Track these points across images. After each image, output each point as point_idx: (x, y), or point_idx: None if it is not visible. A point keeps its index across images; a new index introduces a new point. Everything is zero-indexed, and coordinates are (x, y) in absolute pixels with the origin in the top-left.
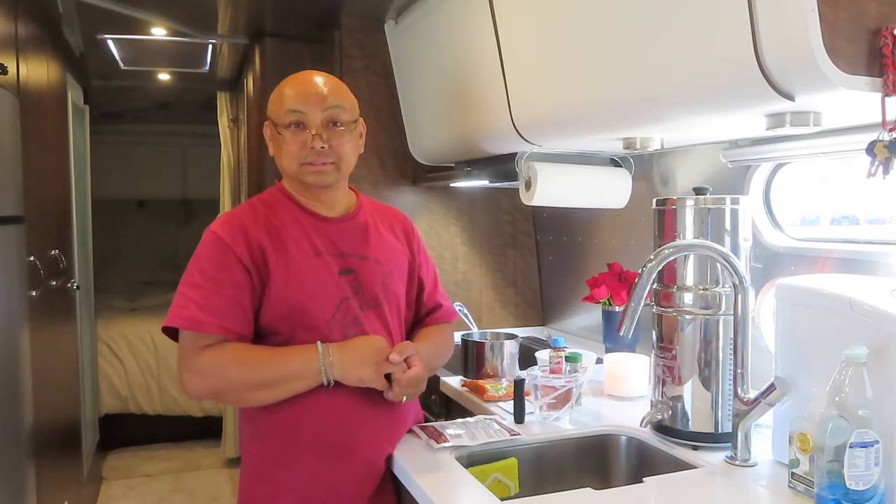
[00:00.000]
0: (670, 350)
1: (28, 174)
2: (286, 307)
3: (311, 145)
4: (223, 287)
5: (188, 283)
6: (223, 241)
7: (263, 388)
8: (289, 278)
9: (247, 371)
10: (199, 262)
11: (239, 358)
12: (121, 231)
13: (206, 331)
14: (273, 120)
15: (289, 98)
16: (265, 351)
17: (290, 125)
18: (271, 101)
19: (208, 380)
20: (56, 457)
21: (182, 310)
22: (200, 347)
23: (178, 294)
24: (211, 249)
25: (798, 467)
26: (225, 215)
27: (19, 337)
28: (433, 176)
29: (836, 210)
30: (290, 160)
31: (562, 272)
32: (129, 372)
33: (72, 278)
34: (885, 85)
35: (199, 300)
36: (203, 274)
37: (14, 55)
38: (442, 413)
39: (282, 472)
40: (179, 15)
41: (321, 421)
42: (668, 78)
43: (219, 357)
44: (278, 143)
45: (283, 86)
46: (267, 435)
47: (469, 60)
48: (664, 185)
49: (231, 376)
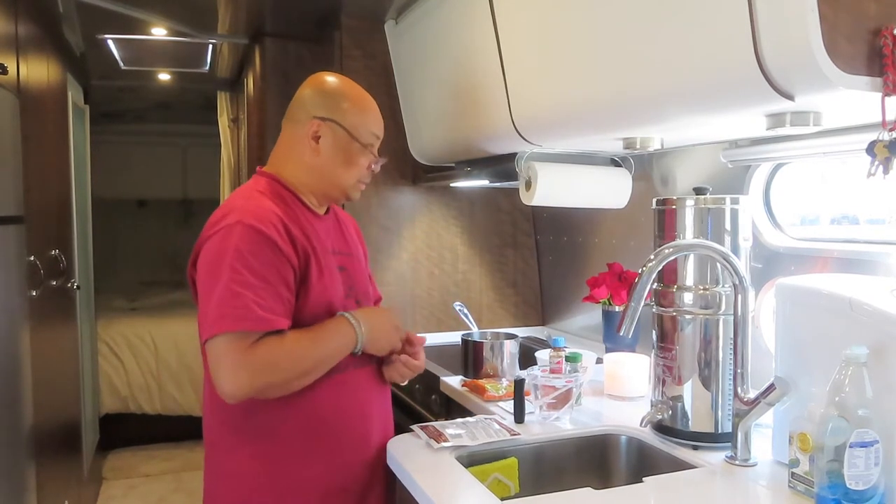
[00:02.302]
0: (670, 350)
1: (28, 174)
2: (321, 305)
3: (374, 170)
4: (276, 286)
5: (239, 282)
6: (268, 236)
7: (311, 372)
8: (322, 280)
9: (300, 358)
10: (246, 259)
11: (290, 347)
12: (121, 231)
13: (273, 327)
14: (349, 131)
15: (374, 121)
16: (306, 335)
17: (369, 146)
18: (351, 111)
19: (265, 375)
20: (56, 457)
21: (244, 311)
22: (248, 345)
23: (228, 294)
24: (256, 245)
25: (798, 467)
26: (253, 208)
27: (19, 337)
28: (433, 176)
29: (836, 210)
30: (352, 176)
31: (562, 272)
32: (129, 372)
33: (72, 278)
34: (885, 85)
35: (258, 299)
36: (254, 272)
37: (14, 55)
38: (442, 413)
39: (300, 467)
40: (179, 15)
41: (339, 413)
42: (668, 78)
43: (269, 352)
44: (350, 155)
45: (367, 104)
46: (280, 431)
47: (469, 60)
48: (664, 185)
49: (287, 367)
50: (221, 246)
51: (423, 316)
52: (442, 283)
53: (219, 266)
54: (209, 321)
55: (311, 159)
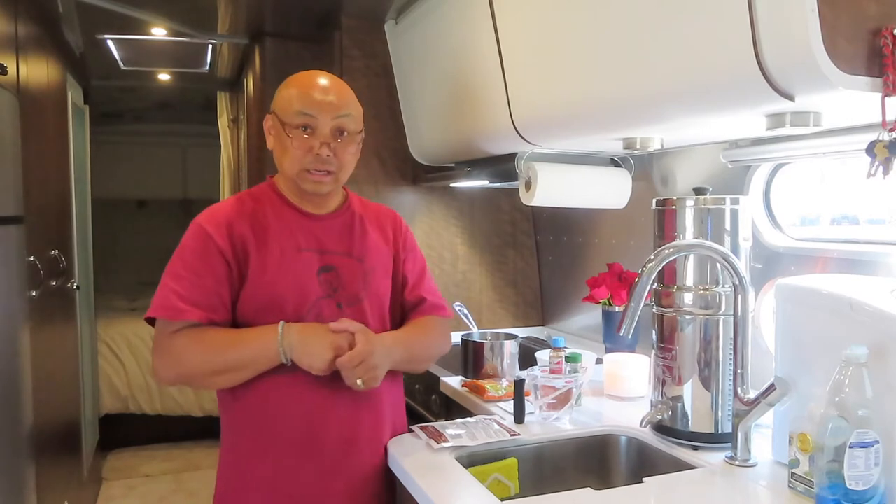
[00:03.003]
0: (670, 350)
1: (28, 174)
2: (263, 301)
3: (316, 152)
4: (203, 278)
5: (171, 273)
6: (207, 232)
7: (228, 371)
8: (267, 272)
9: (210, 353)
10: (183, 253)
11: (202, 340)
12: (121, 231)
13: (185, 318)
14: (279, 115)
15: (300, 99)
16: (227, 333)
17: (298, 127)
18: (280, 95)
19: (176, 364)
20: (56, 457)
21: (163, 300)
22: (171, 333)
23: (161, 284)
24: (194, 241)
25: (798, 467)
26: (212, 207)
27: (19, 337)
28: (433, 176)
29: (836, 210)
30: (292, 163)
31: (562, 272)
32: (129, 372)
33: (72, 278)
34: (885, 85)
35: (180, 290)
36: (185, 265)
37: (14, 55)
38: (442, 413)
39: (254, 466)
40: (179, 15)
41: (292, 416)
42: (668, 78)
43: (185, 341)
44: (282, 140)
45: (294, 83)
46: (241, 427)
47: (469, 60)
48: (664, 185)
49: (197, 359)
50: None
51: None
52: (442, 283)
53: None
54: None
55: (275, 155)
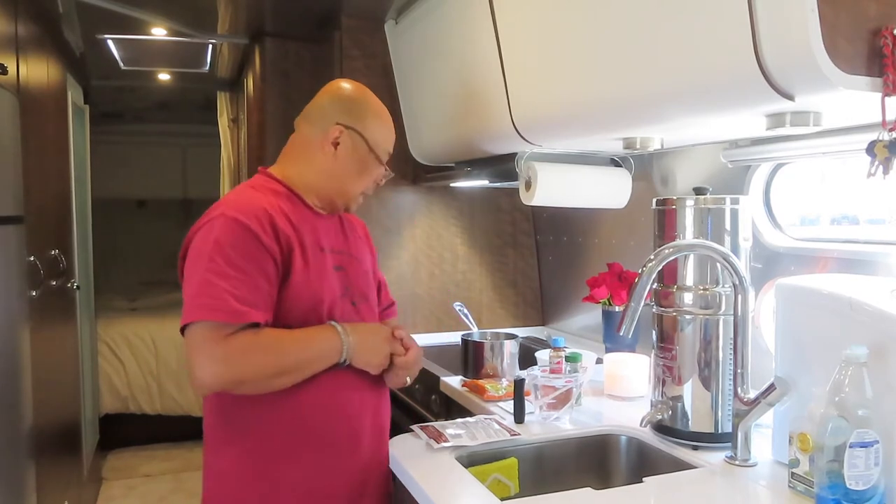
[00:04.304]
0: (670, 350)
1: (28, 174)
2: (308, 301)
3: (380, 184)
4: (254, 277)
5: (215, 272)
6: (249, 228)
7: (288, 372)
8: (307, 274)
9: (274, 356)
10: (224, 251)
11: (262, 342)
12: (121, 231)
13: (247, 319)
14: (369, 143)
15: (390, 139)
16: (287, 334)
17: (381, 161)
18: (374, 125)
19: (231, 370)
20: (56, 457)
21: (216, 300)
22: (224, 336)
23: (204, 284)
24: (236, 237)
25: (798, 467)
26: (237, 200)
27: (19, 337)
28: (433, 176)
29: (836, 210)
30: (360, 184)
31: (562, 272)
32: (129, 372)
33: (72, 278)
34: (885, 85)
35: (234, 290)
36: (230, 263)
37: (14, 55)
38: (442, 413)
39: (285, 468)
40: (179, 15)
41: (328, 414)
42: (668, 78)
43: (243, 344)
44: (363, 164)
45: (388, 121)
46: (269, 430)
47: (469, 60)
48: (664, 185)
49: (259, 363)
50: (204, 238)
51: (423, 316)
52: (442, 283)
53: (199, 258)
54: (185, 310)
55: (323, 163)
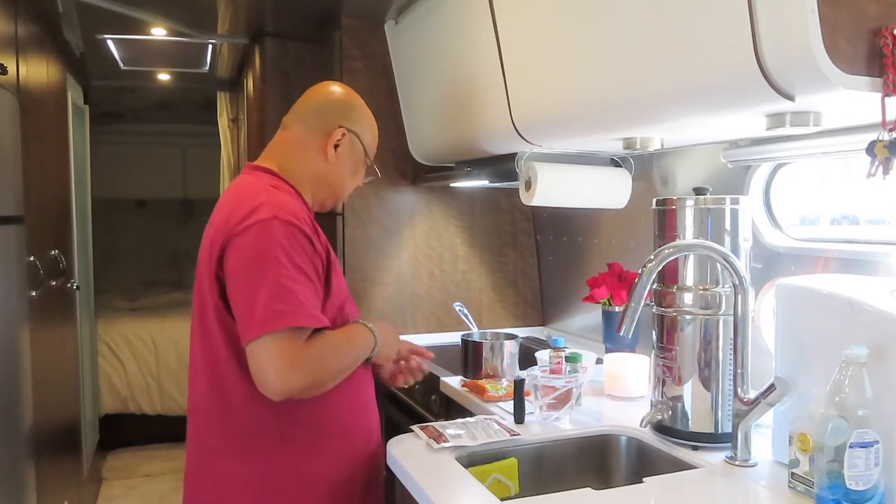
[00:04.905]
0: (670, 350)
1: (28, 174)
2: (338, 304)
3: (365, 183)
4: (314, 283)
5: (290, 278)
6: (305, 233)
7: (344, 372)
8: (337, 275)
9: (339, 357)
10: (290, 255)
11: (332, 345)
12: (121, 231)
13: (324, 324)
14: (364, 145)
15: (376, 139)
16: (341, 335)
17: (372, 162)
18: (370, 130)
19: (315, 372)
20: (56, 457)
21: (299, 307)
22: (304, 341)
23: (281, 289)
24: (298, 241)
25: (798, 467)
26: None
27: (19, 337)
28: (433, 176)
29: (836, 210)
30: (351, 184)
31: (562, 272)
32: (129, 372)
33: (72, 278)
34: (885, 85)
35: (306, 295)
36: (298, 268)
37: (14, 55)
38: (442, 413)
39: (311, 466)
40: (179, 15)
41: (349, 408)
42: (668, 78)
43: (320, 348)
44: (357, 166)
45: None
46: (290, 432)
47: (469, 60)
48: (664, 185)
49: (332, 364)
50: (262, 241)
51: (423, 316)
52: (442, 283)
53: (262, 262)
54: (258, 318)
55: (321, 163)
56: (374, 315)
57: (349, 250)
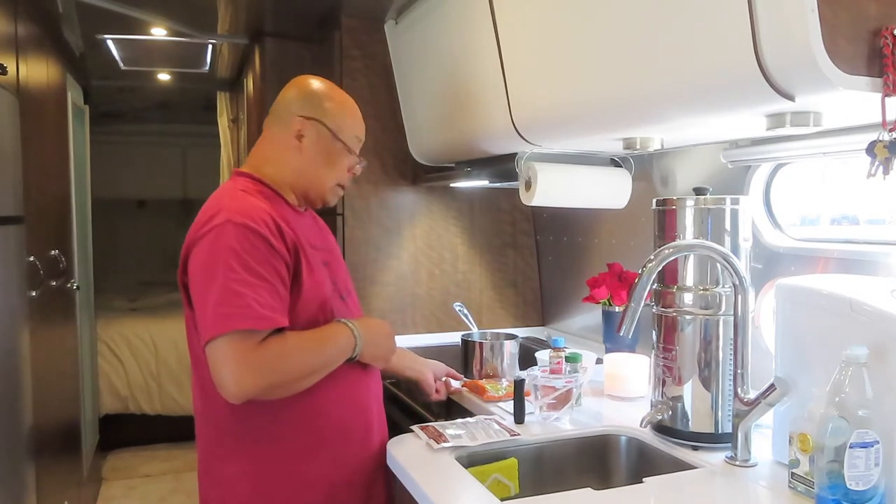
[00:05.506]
0: (670, 350)
1: (28, 174)
2: (314, 303)
3: (355, 173)
4: (273, 283)
5: (238, 281)
6: (260, 233)
7: (316, 372)
8: (312, 274)
9: (305, 357)
10: (241, 258)
11: (291, 345)
12: (121, 231)
13: (275, 325)
14: (332, 131)
15: (358, 126)
16: (309, 335)
17: (351, 148)
18: (334, 111)
19: (269, 374)
20: (56, 457)
21: (246, 309)
22: (256, 343)
23: (228, 293)
24: (251, 243)
25: (798, 467)
26: (240, 206)
27: (19, 337)
28: (433, 176)
29: (836, 210)
30: (333, 177)
31: (562, 272)
32: (129, 372)
33: (72, 278)
34: (885, 85)
35: (258, 297)
36: (250, 270)
37: (14, 55)
38: (442, 413)
39: (305, 465)
40: (179, 15)
41: (340, 408)
42: (668, 78)
43: (276, 349)
44: (330, 154)
45: (350, 106)
46: (281, 432)
47: (469, 60)
48: (664, 185)
49: (293, 366)
50: (214, 246)
51: (423, 316)
52: (442, 283)
53: (213, 267)
54: (209, 322)
55: (294, 159)
56: (374, 315)
57: (349, 250)
